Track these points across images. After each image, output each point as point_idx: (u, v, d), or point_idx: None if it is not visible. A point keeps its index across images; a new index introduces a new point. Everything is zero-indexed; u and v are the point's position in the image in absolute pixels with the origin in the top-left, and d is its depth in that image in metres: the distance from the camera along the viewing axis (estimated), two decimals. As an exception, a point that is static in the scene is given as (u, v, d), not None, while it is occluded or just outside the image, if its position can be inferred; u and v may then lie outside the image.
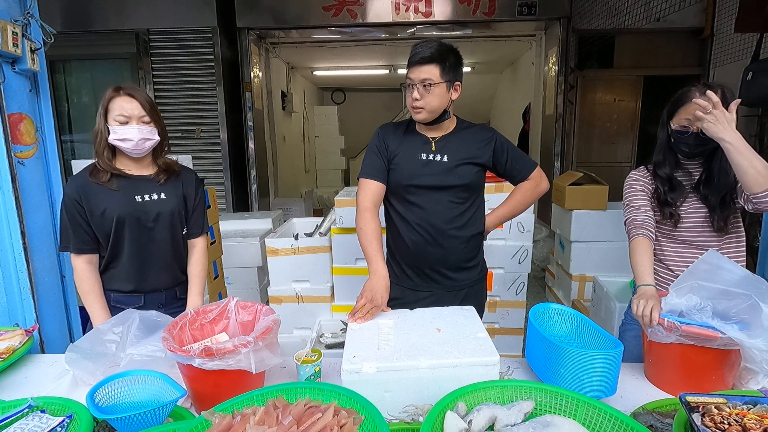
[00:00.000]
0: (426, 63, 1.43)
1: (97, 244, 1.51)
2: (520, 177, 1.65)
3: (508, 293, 2.73)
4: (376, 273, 1.46)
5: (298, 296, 2.67)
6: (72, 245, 1.48)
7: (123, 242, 1.50)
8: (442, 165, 1.55)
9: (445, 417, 0.88)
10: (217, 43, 4.70)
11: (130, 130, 1.43)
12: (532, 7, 4.55)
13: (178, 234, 1.60)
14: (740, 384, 1.17)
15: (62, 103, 4.90)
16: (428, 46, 1.44)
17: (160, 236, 1.54)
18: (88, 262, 1.50)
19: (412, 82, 1.47)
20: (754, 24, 3.53)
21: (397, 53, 6.06)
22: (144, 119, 1.46)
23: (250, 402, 0.93)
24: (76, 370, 1.26)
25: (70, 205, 1.46)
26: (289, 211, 5.20)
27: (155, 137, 1.49)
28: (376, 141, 1.61)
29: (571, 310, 1.33)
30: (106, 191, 1.47)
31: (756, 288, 1.13)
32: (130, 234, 1.50)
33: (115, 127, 1.43)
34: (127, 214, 1.47)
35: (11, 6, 1.67)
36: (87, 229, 1.48)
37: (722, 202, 1.41)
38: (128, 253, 1.51)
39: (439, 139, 1.58)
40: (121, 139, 1.44)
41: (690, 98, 1.38)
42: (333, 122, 8.59)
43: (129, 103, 1.44)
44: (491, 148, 1.59)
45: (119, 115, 1.43)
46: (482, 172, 1.62)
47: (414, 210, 1.58)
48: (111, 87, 1.47)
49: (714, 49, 4.53)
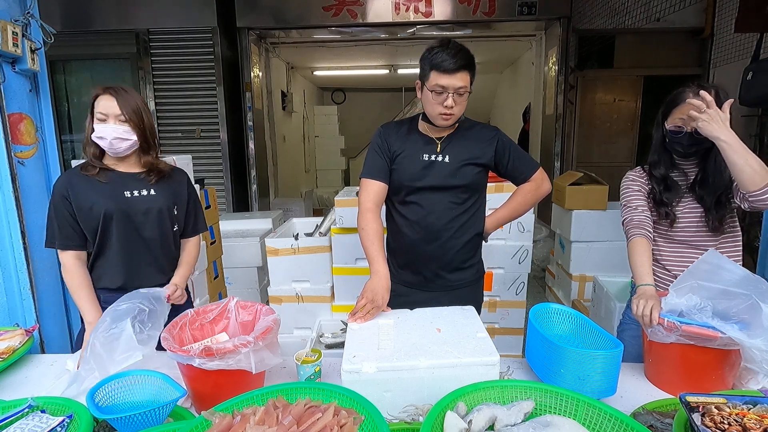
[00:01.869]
0: (462, 70, 1.40)
1: (83, 241, 1.50)
2: (522, 178, 1.64)
3: (508, 293, 2.73)
4: (378, 273, 1.45)
5: (298, 296, 2.67)
6: (57, 241, 1.47)
7: (110, 237, 1.50)
8: (444, 166, 1.54)
9: (445, 417, 0.88)
10: (217, 43, 4.70)
11: (106, 128, 1.43)
12: (532, 7, 4.55)
13: (167, 231, 1.59)
14: (740, 384, 1.17)
15: (62, 103, 4.91)
16: (462, 54, 1.40)
17: (149, 232, 1.54)
18: (76, 258, 1.50)
19: (445, 89, 1.41)
20: (754, 24, 3.54)
21: (397, 53, 6.06)
22: (120, 118, 1.44)
23: (250, 402, 0.94)
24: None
25: (57, 201, 1.46)
26: (289, 211, 5.20)
27: (132, 138, 1.47)
28: (378, 140, 1.60)
29: (571, 310, 1.33)
30: (95, 186, 1.47)
31: (756, 288, 1.13)
32: (118, 229, 1.49)
33: (95, 124, 1.44)
34: (115, 208, 1.47)
35: (11, 6, 1.68)
36: (73, 224, 1.47)
37: (717, 202, 1.41)
38: (115, 248, 1.50)
39: (443, 139, 1.57)
40: (98, 137, 1.44)
41: (684, 99, 1.38)
42: (333, 122, 8.59)
43: (108, 101, 1.44)
44: (493, 148, 1.58)
45: (99, 112, 1.44)
46: (484, 172, 1.61)
47: (414, 209, 1.58)
48: (99, 86, 1.48)
49: (714, 49, 4.53)
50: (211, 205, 2.92)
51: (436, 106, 1.45)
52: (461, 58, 1.40)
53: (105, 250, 1.51)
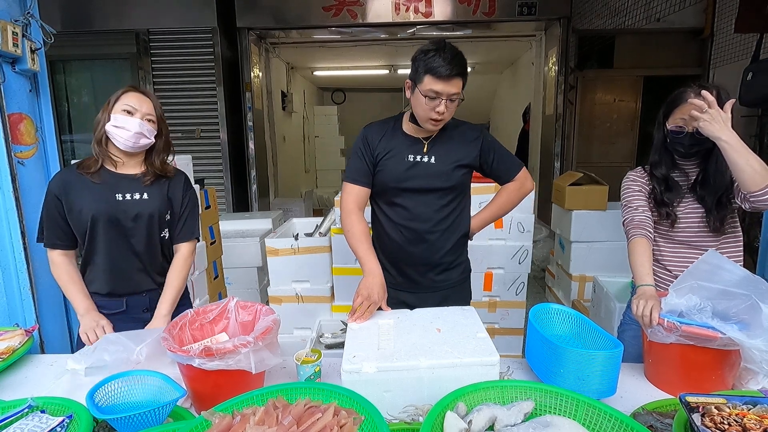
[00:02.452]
0: (456, 77, 1.39)
1: (72, 241, 1.50)
2: (506, 178, 1.63)
3: (508, 293, 2.73)
4: (371, 272, 1.45)
5: (298, 296, 2.67)
6: (46, 239, 1.48)
7: (98, 241, 1.48)
8: (429, 167, 1.53)
9: (445, 417, 0.88)
10: (217, 43, 4.70)
11: (132, 121, 1.43)
12: (532, 7, 4.56)
13: (157, 238, 1.55)
14: (740, 384, 1.17)
15: (62, 103, 4.90)
16: (457, 60, 1.38)
17: (138, 237, 1.51)
18: (63, 255, 1.50)
19: (439, 95, 1.40)
20: (754, 24, 3.54)
21: (397, 53, 6.06)
22: (149, 117, 1.47)
23: (250, 402, 0.93)
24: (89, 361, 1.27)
25: (49, 200, 1.46)
26: (289, 211, 5.20)
27: (152, 138, 1.49)
28: (360, 143, 1.58)
29: (571, 310, 1.33)
30: (87, 187, 1.46)
31: (756, 288, 1.13)
32: (105, 233, 1.47)
33: (118, 115, 1.43)
34: (103, 212, 1.46)
35: (11, 6, 1.68)
36: (63, 225, 1.47)
37: (718, 202, 1.41)
38: (103, 252, 1.49)
39: (429, 140, 1.55)
40: (118, 126, 1.43)
41: (685, 99, 1.38)
42: (333, 122, 8.59)
43: (140, 99, 1.46)
44: (478, 148, 1.57)
45: (127, 104, 1.44)
46: (469, 173, 1.61)
47: (399, 211, 1.57)
48: (127, 85, 1.50)
49: (714, 50, 4.53)
50: (211, 205, 2.92)
51: (427, 110, 1.43)
52: (457, 64, 1.38)
53: (93, 254, 1.50)
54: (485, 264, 2.68)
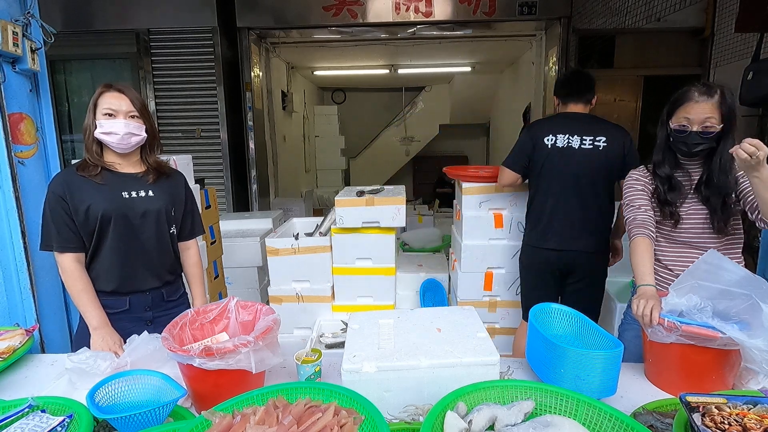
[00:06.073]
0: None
1: (81, 242, 1.47)
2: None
3: (508, 293, 2.73)
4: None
5: (298, 296, 2.67)
6: (55, 244, 1.44)
7: (106, 240, 1.47)
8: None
9: (445, 417, 0.88)
10: (217, 43, 4.70)
11: (117, 123, 1.43)
12: (533, 7, 4.55)
13: (164, 233, 1.56)
14: (740, 384, 1.17)
15: (62, 103, 4.90)
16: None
17: (146, 234, 1.52)
18: (76, 261, 1.46)
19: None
20: (754, 24, 3.53)
21: (397, 53, 6.05)
22: (131, 114, 1.46)
23: (250, 402, 0.94)
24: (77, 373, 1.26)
25: (54, 202, 1.43)
26: (289, 211, 5.19)
27: (142, 134, 1.48)
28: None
29: (571, 310, 1.33)
30: (92, 186, 1.45)
31: (756, 288, 1.13)
32: (115, 231, 1.47)
33: (102, 121, 1.43)
34: (112, 210, 1.45)
35: (11, 6, 1.68)
36: (71, 226, 1.44)
37: (723, 204, 1.41)
38: (110, 250, 1.48)
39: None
40: (106, 133, 1.43)
41: (689, 98, 1.38)
42: (333, 122, 8.58)
43: (117, 98, 1.45)
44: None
45: (107, 108, 1.43)
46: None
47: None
48: (101, 84, 1.48)
49: (714, 49, 4.52)
50: (211, 205, 2.92)
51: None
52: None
53: (100, 252, 1.49)
54: (485, 264, 2.68)
